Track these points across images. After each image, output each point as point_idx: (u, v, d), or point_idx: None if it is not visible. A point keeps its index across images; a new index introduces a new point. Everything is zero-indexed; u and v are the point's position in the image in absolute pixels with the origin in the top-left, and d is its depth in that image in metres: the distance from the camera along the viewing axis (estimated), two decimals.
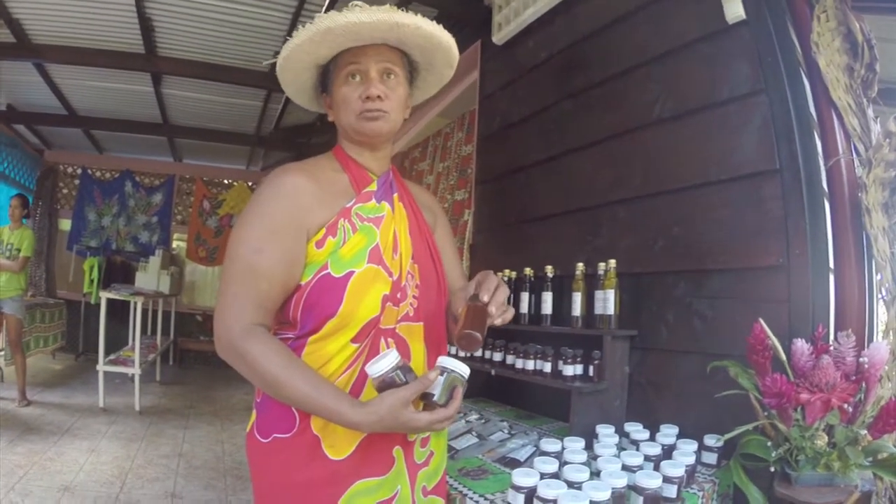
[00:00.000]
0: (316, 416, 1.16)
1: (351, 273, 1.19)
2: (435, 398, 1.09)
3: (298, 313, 1.20)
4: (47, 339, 6.86)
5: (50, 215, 8.75)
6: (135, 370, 5.58)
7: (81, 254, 8.69)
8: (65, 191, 9.06)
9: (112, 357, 5.91)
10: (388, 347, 1.23)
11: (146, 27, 4.85)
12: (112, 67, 5.53)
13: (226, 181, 9.68)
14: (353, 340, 1.20)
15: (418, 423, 1.08)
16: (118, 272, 8.35)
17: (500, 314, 1.18)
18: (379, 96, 1.24)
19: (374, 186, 1.31)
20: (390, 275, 1.24)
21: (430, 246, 1.39)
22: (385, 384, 1.09)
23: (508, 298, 1.23)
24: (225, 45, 5.17)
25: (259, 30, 4.81)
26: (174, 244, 9.43)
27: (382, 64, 1.26)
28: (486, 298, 1.16)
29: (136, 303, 5.97)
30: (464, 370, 1.12)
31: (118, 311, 6.95)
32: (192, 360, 9.01)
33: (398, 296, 1.26)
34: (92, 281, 8.09)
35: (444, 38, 1.30)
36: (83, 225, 8.87)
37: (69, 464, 3.85)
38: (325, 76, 1.32)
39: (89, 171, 9.02)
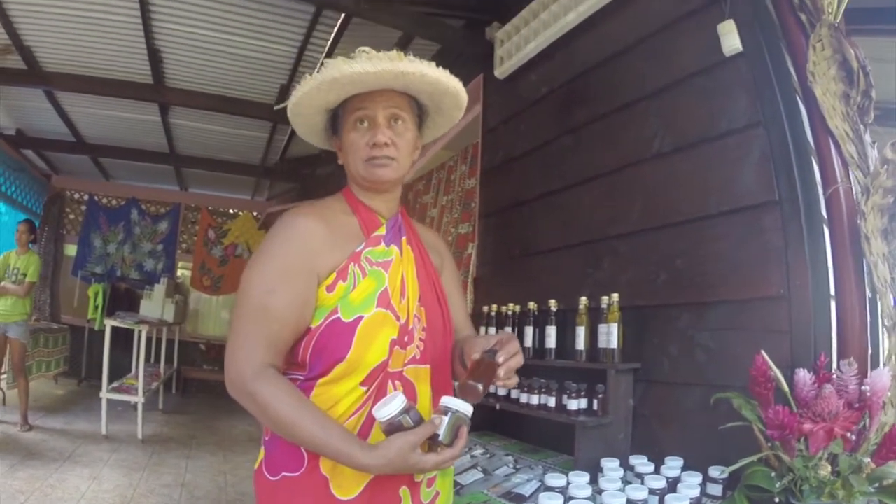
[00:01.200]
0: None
1: (360, 318, 1.20)
2: (440, 438, 1.11)
3: (308, 356, 1.22)
4: (50, 364, 6.88)
5: (56, 240, 8.81)
6: (138, 398, 5.59)
7: (86, 280, 8.74)
8: (71, 216, 9.16)
9: (115, 385, 5.91)
10: (395, 390, 1.24)
11: (155, 58, 4.96)
12: (121, 97, 5.65)
13: (231, 211, 9.78)
14: (362, 384, 1.22)
15: (425, 465, 1.10)
16: (122, 299, 8.41)
17: (505, 378, 1.20)
18: (386, 143, 1.26)
19: (383, 230, 1.33)
20: (398, 318, 1.25)
21: (436, 289, 1.41)
22: (392, 427, 1.10)
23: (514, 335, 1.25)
24: (232, 78, 5.28)
25: (266, 63, 4.93)
26: (179, 273, 9.49)
27: (390, 109, 1.28)
28: (500, 360, 1.18)
29: (140, 331, 5.98)
30: (467, 409, 1.13)
31: (122, 338, 6.95)
32: (194, 389, 8.99)
33: (405, 339, 1.27)
34: (96, 307, 8.14)
35: (451, 83, 1.31)
36: (89, 251, 8.94)
37: (70, 491, 3.84)
38: (335, 119, 1.34)
39: (96, 198, 9.13)
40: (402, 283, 1.30)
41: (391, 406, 1.10)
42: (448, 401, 1.13)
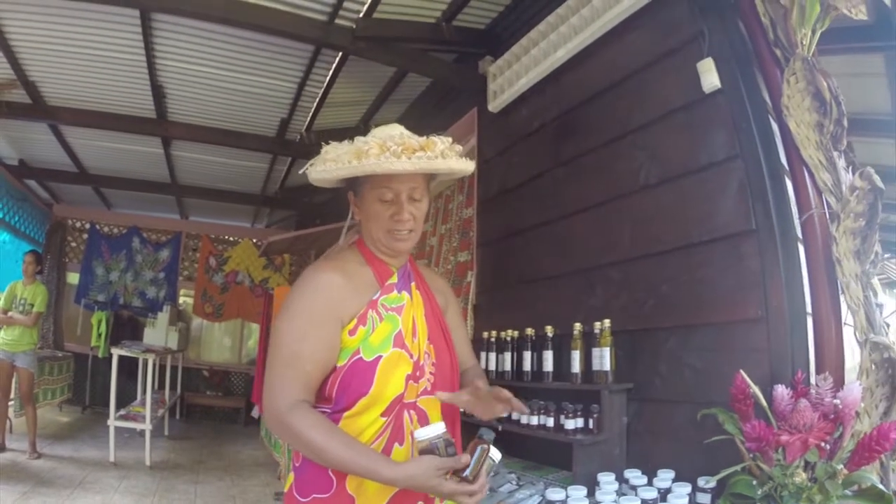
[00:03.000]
0: (351, 477, 1.32)
1: (379, 357, 1.37)
2: (466, 473, 1.24)
3: (334, 392, 1.37)
4: (55, 392, 6.93)
5: (58, 269, 8.86)
6: (145, 426, 5.67)
7: (89, 307, 8.79)
8: (73, 244, 9.22)
9: (122, 412, 5.98)
10: (411, 420, 1.41)
11: (158, 94, 5.06)
12: (124, 131, 5.73)
13: (231, 238, 9.88)
14: (382, 415, 1.38)
15: (443, 490, 1.23)
16: (126, 327, 8.50)
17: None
18: (409, 219, 1.42)
19: (394, 279, 1.49)
20: (411, 356, 1.42)
21: (442, 328, 1.57)
22: (428, 450, 1.24)
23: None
24: (234, 112, 5.40)
25: (267, 98, 5.06)
26: (181, 300, 9.56)
27: (411, 189, 1.42)
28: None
29: (147, 360, 6.06)
30: (497, 456, 1.28)
31: (126, 365, 7.01)
32: (198, 416, 9.05)
33: (418, 374, 1.44)
34: (100, 335, 8.21)
35: (468, 168, 1.46)
36: (91, 279, 9.01)
37: None
38: (355, 178, 1.44)
39: (97, 227, 9.22)
40: (414, 324, 1.47)
41: (431, 430, 1.26)
42: (485, 434, 1.29)
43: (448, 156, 1.38)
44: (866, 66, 3.34)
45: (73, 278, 9.10)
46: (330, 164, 1.38)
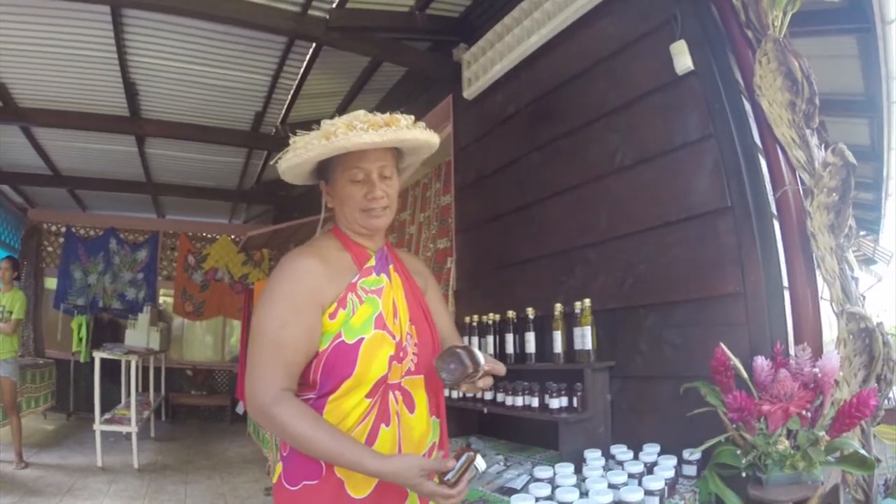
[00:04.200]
0: None
1: (361, 339, 1.38)
2: (448, 477, 1.27)
3: (318, 376, 1.38)
4: (38, 400, 6.84)
5: (35, 274, 8.74)
6: (131, 428, 5.64)
7: (69, 312, 8.68)
8: (49, 249, 9.09)
9: (107, 416, 5.94)
10: (396, 401, 1.44)
11: (130, 91, 5.00)
12: (97, 130, 5.66)
13: (209, 235, 9.80)
14: (367, 396, 1.39)
15: (423, 489, 1.27)
16: (106, 330, 8.39)
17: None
18: (382, 196, 1.45)
19: (372, 262, 1.51)
20: (393, 337, 1.43)
21: (423, 308, 1.59)
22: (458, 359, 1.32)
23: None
24: (208, 107, 5.36)
25: (241, 92, 5.02)
26: (161, 300, 9.48)
27: (381, 167, 1.45)
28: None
29: (129, 362, 6.01)
30: (481, 465, 1.30)
31: (109, 369, 6.97)
32: (184, 416, 9.01)
33: (401, 354, 1.45)
34: (80, 339, 8.12)
35: (434, 140, 1.50)
36: (69, 283, 8.89)
37: None
38: (324, 166, 1.48)
39: (73, 230, 9.09)
40: (394, 306, 1.48)
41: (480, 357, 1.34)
42: (474, 444, 1.31)
43: (413, 128, 1.42)
44: (840, 49, 3.41)
45: (51, 283, 8.98)
46: (300, 151, 1.39)
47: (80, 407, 8.18)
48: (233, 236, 9.69)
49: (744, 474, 1.70)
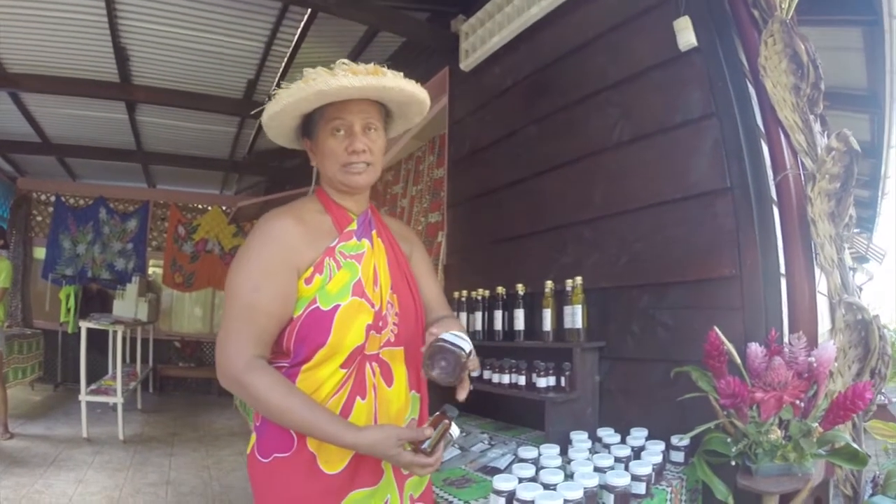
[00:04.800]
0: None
1: (337, 306, 1.31)
2: (424, 446, 1.23)
3: (291, 344, 1.31)
4: (25, 370, 6.81)
5: (24, 244, 8.67)
6: (117, 399, 5.58)
7: (57, 282, 8.61)
8: (38, 218, 8.99)
9: (93, 387, 5.88)
10: (373, 373, 1.37)
11: (121, 56, 4.89)
12: (87, 96, 5.55)
13: (200, 206, 9.69)
14: (342, 366, 1.32)
15: (401, 460, 1.23)
16: (95, 300, 8.32)
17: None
18: (363, 150, 1.37)
19: (354, 226, 1.43)
20: (372, 305, 1.36)
21: (407, 277, 1.52)
22: (446, 352, 1.25)
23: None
24: (199, 74, 5.25)
25: (233, 59, 4.91)
26: (150, 270, 9.40)
27: (365, 119, 1.38)
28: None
29: (116, 332, 5.96)
30: (456, 432, 1.26)
31: (97, 339, 6.90)
32: (171, 387, 8.97)
33: (380, 324, 1.38)
34: (69, 310, 8.05)
35: (422, 95, 1.43)
36: (58, 253, 8.81)
37: (58, 496, 3.85)
38: (308, 123, 1.43)
39: (63, 199, 8.98)
40: (375, 273, 1.41)
41: (461, 340, 1.27)
42: (449, 411, 1.27)
43: (398, 78, 1.36)
44: (844, 40, 3.34)
45: (40, 253, 8.89)
46: (279, 99, 1.34)
47: (67, 378, 8.13)
48: (224, 207, 9.60)
49: (733, 463, 1.67)
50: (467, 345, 1.29)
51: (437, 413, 1.28)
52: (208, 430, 6.37)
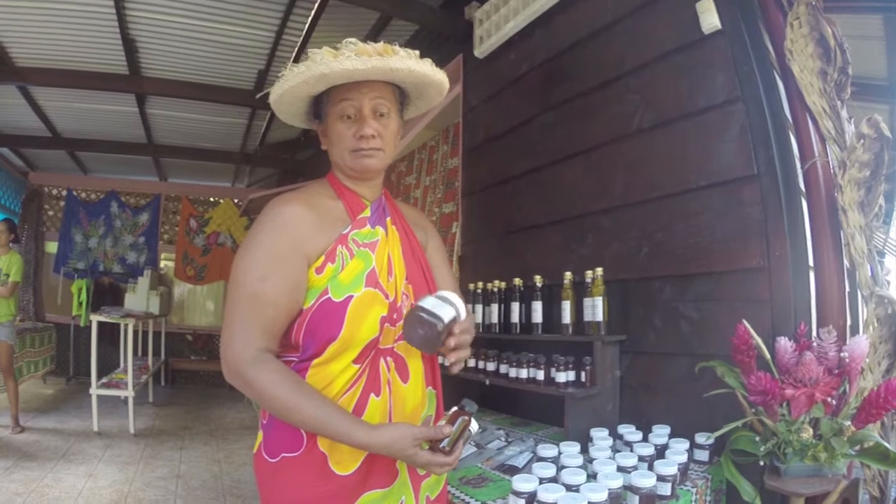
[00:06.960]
0: None
1: (350, 297, 1.23)
2: (443, 444, 1.16)
3: (301, 337, 1.24)
4: (38, 364, 6.83)
5: (36, 238, 8.70)
6: (128, 392, 5.57)
7: (69, 276, 8.61)
8: (50, 213, 9.02)
9: (105, 380, 5.88)
10: (388, 368, 1.30)
11: (130, 48, 4.86)
12: (96, 89, 5.52)
13: (212, 199, 9.67)
14: (355, 361, 1.25)
15: (418, 460, 1.16)
16: (106, 294, 8.32)
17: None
18: (373, 135, 1.29)
19: (367, 212, 1.36)
20: (387, 297, 1.28)
21: (422, 266, 1.44)
22: (423, 322, 1.18)
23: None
24: (209, 65, 5.21)
25: (243, 49, 4.87)
26: (162, 264, 9.40)
27: (375, 101, 1.30)
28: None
29: (126, 325, 5.94)
30: (475, 428, 1.20)
31: (108, 333, 6.92)
32: (183, 381, 8.98)
33: (395, 316, 1.30)
34: (80, 303, 8.04)
35: (436, 76, 1.34)
36: (70, 247, 8.82)
37: (67, 490, 3.84)
38: (319, 104, 1.36)
39: (74, 193, 8.99)
40: (389, 262, 1.33)
41: (444, 310, 1.19)
42: (467, 406, 1.20)
43: (407, 58, 1.26)
44: (864, 28, 3.23)
45: (52, 247, 8.91)
46: (284, 81, 1.26)
47: (79, 371, 8.14)
48: (236, 200, 9.56)
49: (761, 463, 1.59)
50: (448, 312, 1.20)
51: (455, 408, 1.21)
52: (219, 423, 6.35)
